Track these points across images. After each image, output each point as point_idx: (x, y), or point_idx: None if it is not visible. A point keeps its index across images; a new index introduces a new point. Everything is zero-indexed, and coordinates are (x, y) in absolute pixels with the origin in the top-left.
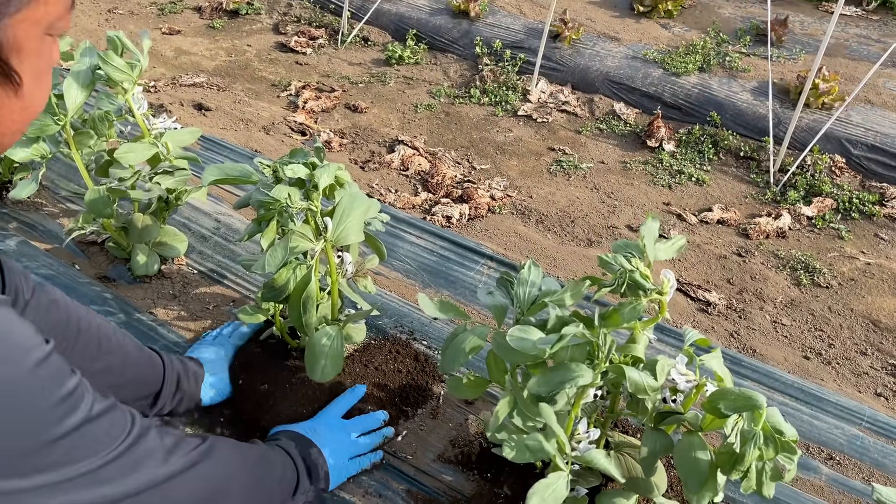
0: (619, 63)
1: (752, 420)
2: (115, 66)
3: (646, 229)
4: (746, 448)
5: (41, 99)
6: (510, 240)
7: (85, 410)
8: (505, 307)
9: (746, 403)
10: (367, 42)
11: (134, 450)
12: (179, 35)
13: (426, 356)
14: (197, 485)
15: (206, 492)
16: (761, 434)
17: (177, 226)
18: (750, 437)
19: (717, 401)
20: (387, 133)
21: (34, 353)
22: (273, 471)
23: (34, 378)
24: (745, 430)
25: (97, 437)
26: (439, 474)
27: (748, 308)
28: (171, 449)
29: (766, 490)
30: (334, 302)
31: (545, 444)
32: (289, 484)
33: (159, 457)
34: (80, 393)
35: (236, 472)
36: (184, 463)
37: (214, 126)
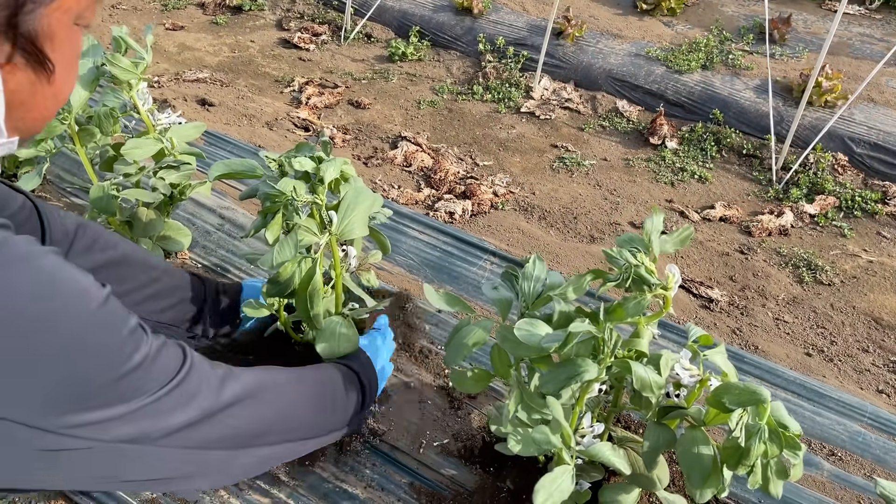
0: (622, 60)
1: (757, 414)
2: (121, 67)
3: (650, 223)
4: (752, 442)
5: (69, 87)
6: (513, 236)
7: (146, 346)
8: (510, 301)
9: (751, 398)
10: (371, 38)
11: (188, 380)
12: (183, 31)
13: (428, 350)
14: (253, 412)
15: (262, 421)
16: (766, 428)
17: (181, 220)
18: (755, 431)
19: (722, 395)
20: (390, 129)
21: (97, 293)
22: (338, 393)
23: (100, 318)
24: (750, 424)
25: (159, 370)
26: (442, 468)
27: (750, 305)
28: (224, 379)
29: (774, 488)
30: (338, 295)
31: (551, 436)
32: (354, 401)
33: (213, 386)
34: (140, 331)
35: (294, 399)
36: (236, 392)
37: (218, 121)
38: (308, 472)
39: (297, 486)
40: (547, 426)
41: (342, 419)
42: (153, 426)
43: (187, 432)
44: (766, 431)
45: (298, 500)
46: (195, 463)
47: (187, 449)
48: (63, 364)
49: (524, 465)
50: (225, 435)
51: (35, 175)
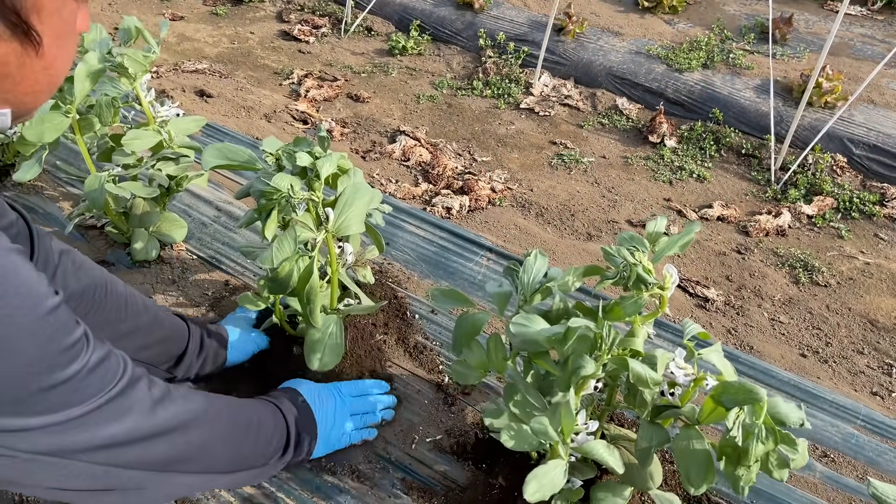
0: (623, 58)
1: (754, 413)
2: (133, 59)
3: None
4: (749, 442)
5: (64, 61)
6: (510, 232)
7: (86, 359)
8: (508, 294)
9: (748, 397)
10: (371, 32)
11: (122, 397)
12: (182, 21)
13: (423, 346)
14: (180, 440)
15: (188, 449)
16: (763, 427)
17: (177, 212)
18: (752, 430)
19: (720, 394)
20: (388, 123)
21: (46, 301)
22: (263, 433)
23: (45, 325)
24: (747, 423)
25: (92, 383)
26: (434, 463)
27: (746, 305)
28: (159, 400)
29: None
30: (333, 292)
31: (549, 428)
32: (275, 449)
33: (146, 407)
34: (83, 342)
35: (223, 433)
36: (168, 418)
37: (216, 113)
38: (299, 465)
39: (288, 479)
40: (544, 417)
41: (266, 455)
42: (75, 439)
43: (111, 450)
44: (764, 431)
45: (290, 493)
46: (113, 480)
47: (107, 466)
48: None
49: (516, 461)
50: (148, 458)
51: (35, 163)
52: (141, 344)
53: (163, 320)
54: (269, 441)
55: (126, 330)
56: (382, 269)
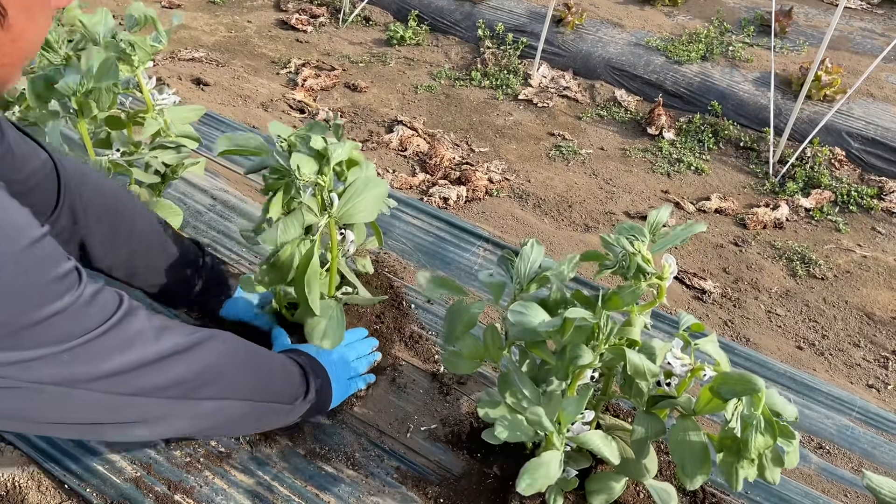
0: (622, 50)
1: (752, 404)
2: (141, 47)
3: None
4: (748, 433)
5: (34, 35)
6: (507, 223)
7: (79, 291)
8: (503, 284)
9: (746, 387)
10: (369, 22)
11: (124, 326)
12: (179, 9)
13: (419, 336)
14: (192, 362)
15: (204, 371)
16: (762, 418)
17: (172, 200)
18: (751, 421)
19: (719, 385)
20: (386, 113)
21: (29, 232)
22: (277, 367)
23: (29, 255)
24: (746, 414)
25: (91, 314)
26: (429, 453)
27: (743, 297)
28: (162, 328)
29: (770, 474)
30: (332, 278)
31: (544, 419)
32: (295, 384)
33: (150, 335)
34: (75, 275)
35: (239, 357)
36: (176, 343)
37: (213, 101)
38: (294, 454)
39: (283, 468)
40: (539, 408)
41: (284, 391)
42: (81, 369)
43: (123, 377)
44: (763, 422)
45: (284, 481)
46: (134, 411)
47: (122, 395)
48: None
49: (512, 451)
50: (162, 383)
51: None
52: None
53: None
54: (289, 377)
55: (128, 252)
56: (379, 259)
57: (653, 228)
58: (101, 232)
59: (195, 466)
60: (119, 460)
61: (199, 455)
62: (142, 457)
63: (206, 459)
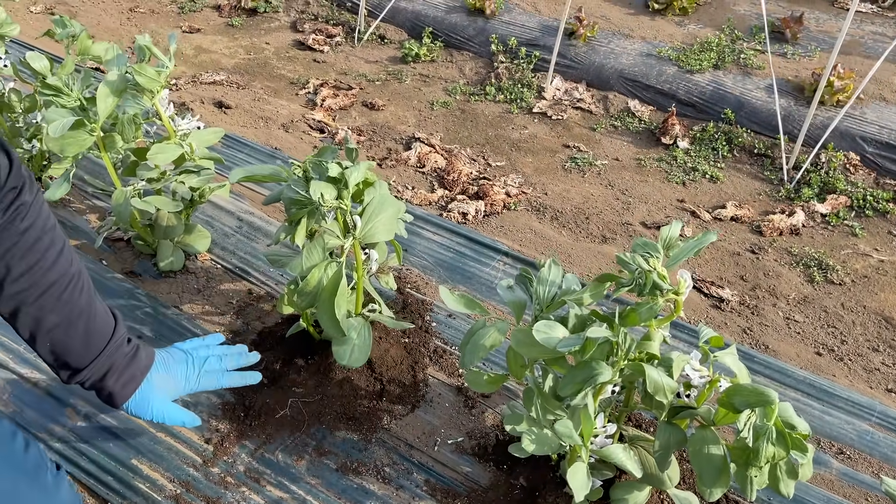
0: (634, 60)
1: (765, 415)
2: (146, 76)
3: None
4: (760, 443)
5: None
6: (525, 236)
7: None
8: (524, 303)
9: (759, 399)
10: (384, 40)
11: None
12: (199, 33)
13: (442, 350)
14: None
15: None
16: (774, 429)
17: (200, 223)
18: (763, 432)
19: (732, 396)
20: (403, 130)
21: None
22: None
23: None
24: (758, 425)
25: None
26: (457, 465)
27: (761, 305)
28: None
29: (784, 487)
30: (359, 297)
31: (574, 433)
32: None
33: None
34: None
35: None
36: None
37: (235, 124)
38: (326, 468)
39: (317, 483)
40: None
41: None
42: None
43: None
44: (774, 432)
45: (318, 496)
46: None
47: None
48: None
49: (537, 463)
50: None
51: (63, 181)
52: None
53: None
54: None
55: None
56: (402, 276)
57: (666, 244)
58: None
59: (232, 483)
60: (160, 478)
61: (236, 472)
62: (181, 475)
63: (243, 476)
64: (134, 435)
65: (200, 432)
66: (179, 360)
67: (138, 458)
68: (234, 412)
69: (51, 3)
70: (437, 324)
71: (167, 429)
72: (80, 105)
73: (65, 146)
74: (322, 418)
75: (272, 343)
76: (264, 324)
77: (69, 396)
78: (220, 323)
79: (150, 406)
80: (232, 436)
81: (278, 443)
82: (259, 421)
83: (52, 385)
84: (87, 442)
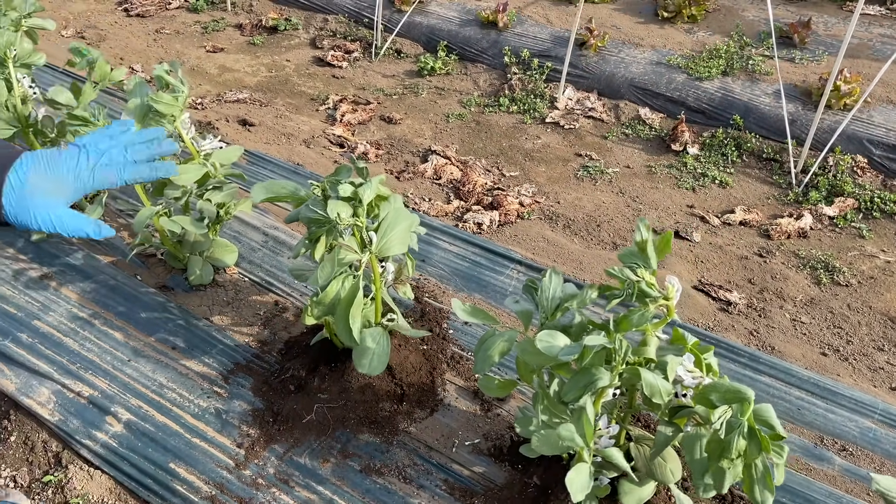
0: (644, 69)
1: (740, 411)
2: (163, 102)
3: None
4: (731, 437)
5: None
6: (538, 245)
7: None
8: (530, 313)
9: (736, 396)
10: (400, 54)
11: None
12: (222, 52)
13: (459, 356)
14: None
15: None
16: (746, 424)
17: (228, 238)
18: (736, 426)
19: (709, 393)
20: (420, 143)
21: None
22: None
23: None
24: (732, 420)
25: None
26: (473, 465)
27: (768, 307)
28: None
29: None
30: (377, 307)
31: (576, 435)
32: None
33: None
34: None
35: None
36: None
37: (258, 141)
38: (351, 469)
39: (342, 483)
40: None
41: None
42: None
43: None
44: (746, 427)
45: (343, 495)
46: None
47: None
48: None
49: (550, 462)
50: None
51: (97, 206)
52: None
53: None
54: None
55: None
56: (419, 285)
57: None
58: None
59: (263, 484)
60: (195, 480)
61: (266, 474)
62: (215, 477)
63: (273, 478)
64: (171, 439)
65: (233, 437)
66: (69, 156)
67: (175, 461)
68: (263, 418)
69: (81, 27)
70: (453, 331)
71: (201, 433)
72: None
73: None
74: (346, 422)
75: (298, 352)
76: (290, 333)
77: (111, 405)
78: (249, 333)
79: (31, 214)
80: (262, 440)
81: (305, 446)
82: (287, 426)
83: (94, 395)
84: (128, 447)
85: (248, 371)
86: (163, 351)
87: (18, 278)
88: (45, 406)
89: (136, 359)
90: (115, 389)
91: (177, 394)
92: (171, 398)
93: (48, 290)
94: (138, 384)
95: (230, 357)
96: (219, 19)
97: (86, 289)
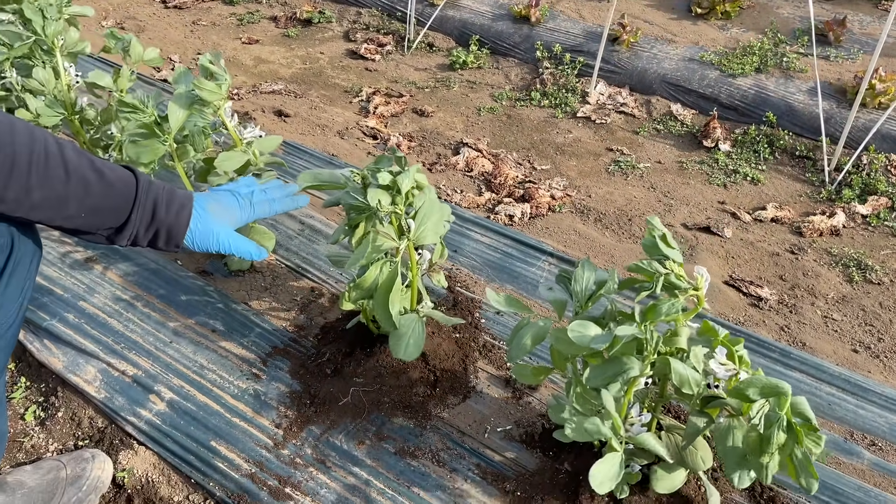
0: (676, 65)
1: (778, 405)
2: (207, 90)
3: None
4: (771, 431)
5: None
6: (570, 237)
7: None
8: (564, 302)
9: (773, 390)
10: (432, 48)
11: None
12: (258, 44)
13: (491, 345)
14: None
15: None
16: (785, 418)
17: (266, 226)
18: (775, 420)
19: (746, 388)
20: (452, 136)
21: None
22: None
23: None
24: (770, 414)
25: None
26: (505, 451)
27: (799, 304)
28: None
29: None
30: (413, 294)
31: (601, 426)
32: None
33: None
34: None
35: None
36: None
37: (294, 132)
38: (386, 452)
39: (378, 464)
40: (598, 417)
41: None
42: None
43: None
44: (785, 420)
45: (378, 476)
46: None
47: None
48: None
49: (581, 448)
50: None
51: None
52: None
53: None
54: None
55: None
56: (451, 275)
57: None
58: None
59: (301, 464)
60: (236, 458)
61: (304, 454)
62: (255, 455)
63: (310, 458)
64: (212, 418)
65: (271, 418)
66: (226, 194)
67: (216, 440)
68: (301, 400)
69: (121, 17)
70: (485, 320)
71: (241, 413)
72: (156, 120)
73: (140, 153)
74: (381, 406)
75: (334, 337)
76: (326, 319)
77: (154, 384)
78: (286, 318)
79: (214, 235)
80: (300, 421)
81: (341, 428)
82: (324, 408)
83: (137, 374)
84: (171, 425)
85: (285, 354)
86: (203, 333)
87: (64, 260)
88: (91, 384)
89: (178, 340)
90: (158, 369)
91: (217, 375)
92: (212, 379)
93: (93, 273)
94: (180, 365)
95: (268, 341)
96: (254, 11)
97: (128, 272)
